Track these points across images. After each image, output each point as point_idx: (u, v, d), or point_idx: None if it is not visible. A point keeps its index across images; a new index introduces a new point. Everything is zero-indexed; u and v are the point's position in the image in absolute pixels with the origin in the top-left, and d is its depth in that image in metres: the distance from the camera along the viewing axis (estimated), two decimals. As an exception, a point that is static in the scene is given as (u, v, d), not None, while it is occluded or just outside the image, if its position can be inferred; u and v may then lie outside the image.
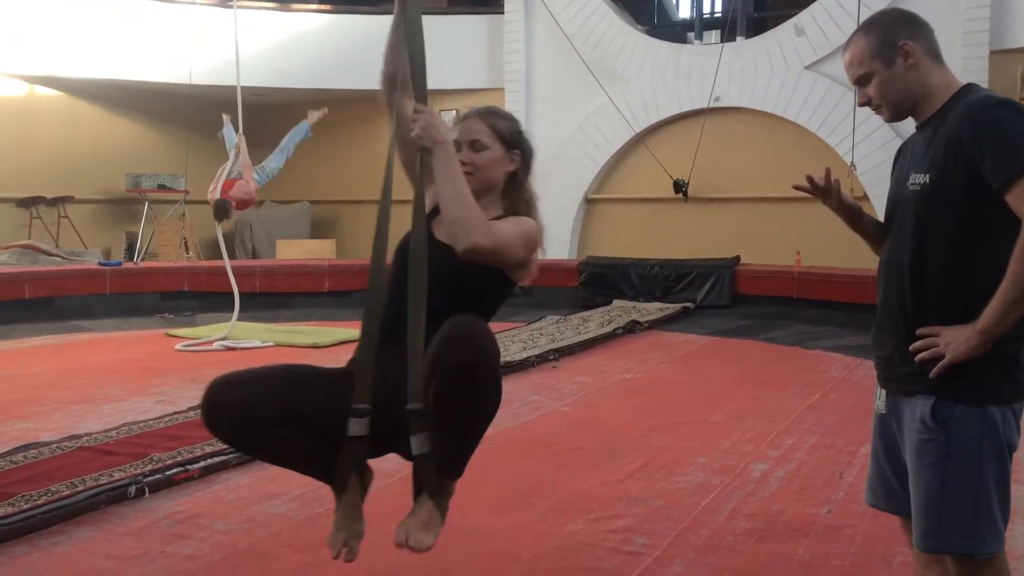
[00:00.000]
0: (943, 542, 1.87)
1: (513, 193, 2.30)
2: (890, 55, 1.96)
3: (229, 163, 8.08)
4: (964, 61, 9.65)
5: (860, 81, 2.01)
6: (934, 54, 2.00)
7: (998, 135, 1.80)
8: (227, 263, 8.24)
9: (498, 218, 2.23)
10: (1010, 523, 3.49)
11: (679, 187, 11.12)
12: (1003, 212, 1.80)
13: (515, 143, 2.30)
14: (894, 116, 2.02)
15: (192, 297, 9.98)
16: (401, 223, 2.22)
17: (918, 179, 1.93)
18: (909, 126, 2.09)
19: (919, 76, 1.97)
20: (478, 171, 2.23)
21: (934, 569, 1.99)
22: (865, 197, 10.17)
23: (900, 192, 2.01)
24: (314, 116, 8.73)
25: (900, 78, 1.97)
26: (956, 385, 1.84)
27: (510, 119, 2.33)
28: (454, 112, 13.14)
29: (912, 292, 1.92)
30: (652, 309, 9.73)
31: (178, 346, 7.76)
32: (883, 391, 2.03)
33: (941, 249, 1.88)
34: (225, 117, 8.51)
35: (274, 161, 8.45)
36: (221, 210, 7.89)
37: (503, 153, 2.27)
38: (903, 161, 2.07)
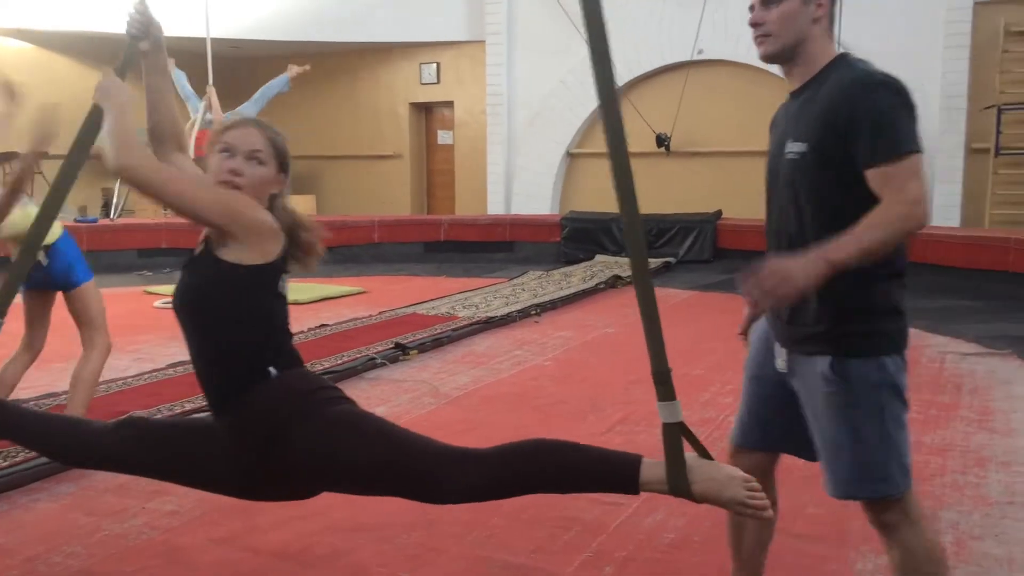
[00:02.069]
0: (859, 489, 1.95)
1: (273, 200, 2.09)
2: None
3: (199, 115, 7.94)
4: (948, 12, 9.61)
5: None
6: (832, 21, 2.01)
7: (875, 118, 1.82)
8: None
9: None
10: (983, 470, 3.56)
11: (661, 141, 11.08)
12: None
13: (286, 166, 2.11)
14: (774, 53, 1.98)
15: (170, 254, 9.89)
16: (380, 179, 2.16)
17: (794, 148, 1.94)
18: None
19: (815, 31, 1.96)
20: (247, 189, 2.01)
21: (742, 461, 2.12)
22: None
23: (778, 161, 2.01)
24: (294, 71, 8.54)
25: (804, 19, 1.94)
26: (850, 342, 1.91)
27: (282, 136, 2.12)
28: (435, 65, 13.00)
29: (800, 248, 1.91)
30: (634, 264, 9.73)
31: (157, 303, 7.71)
32: (783, 350, 2.06)
33: (819, 215, 1.91)
34: (170, 61, 8.27)
35: (246, 111, 8.27)
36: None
37: (275, 174, 2.08)
38: (778, 129, 2.07)
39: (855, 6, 9.84)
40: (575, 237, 10.64)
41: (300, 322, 6.67)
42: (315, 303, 7.69)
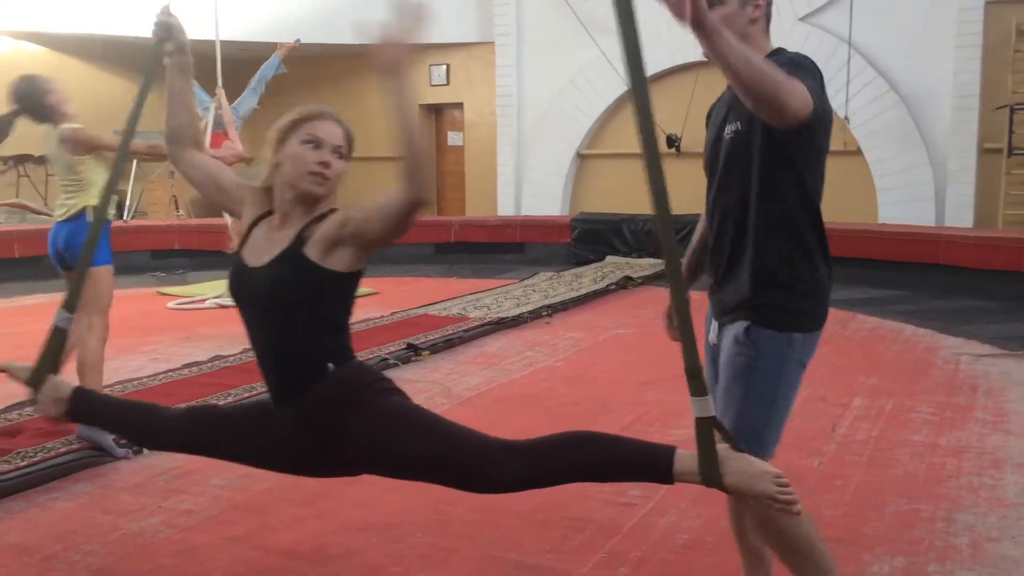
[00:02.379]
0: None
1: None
2: None
3: (210, 116, 7.96)
4: (959, 12, 9.56)
5: (711, 1, 2.06)
6: (768, 20, 2.16)
7: (788, 68, 1.93)
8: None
9: (322, 215, 2.03)
10: (999, 471, 3.55)
11: (672, 142, 11.05)
12: (803, 146, 2.02)
13: (351, 150, 2.12)
14: None
15: (183, 256, 9.95)
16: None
17: (732, 128, 2.11)
18: (903, 78, 2.06)
19: (752, 31, 2.11)
20: (331, 182, 2.03)
21: None
22: (859, 151, 10.13)
23: (718, 141, 2.17)
24: (284, 48, 8.55)
25: (743, 21, 2.09)
26: (767, 313, 2.08)
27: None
28: (445, 66, 13.02)
29: (737, 225, 2.12)
30: (645, 265, 9.73)
31: (170, 304, 7.75)
32: (716, 323, 2.22)
33: (758, 184, 2.07)
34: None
35: (246, 102, 8.27)
36: None
37: (344, 165, 2.09)
38: (716, 115, 2.23)
39: (866, 5, 9.81)
40: (585, 238, 10.63)
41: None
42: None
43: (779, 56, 2.06)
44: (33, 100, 4.01)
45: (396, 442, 1.96)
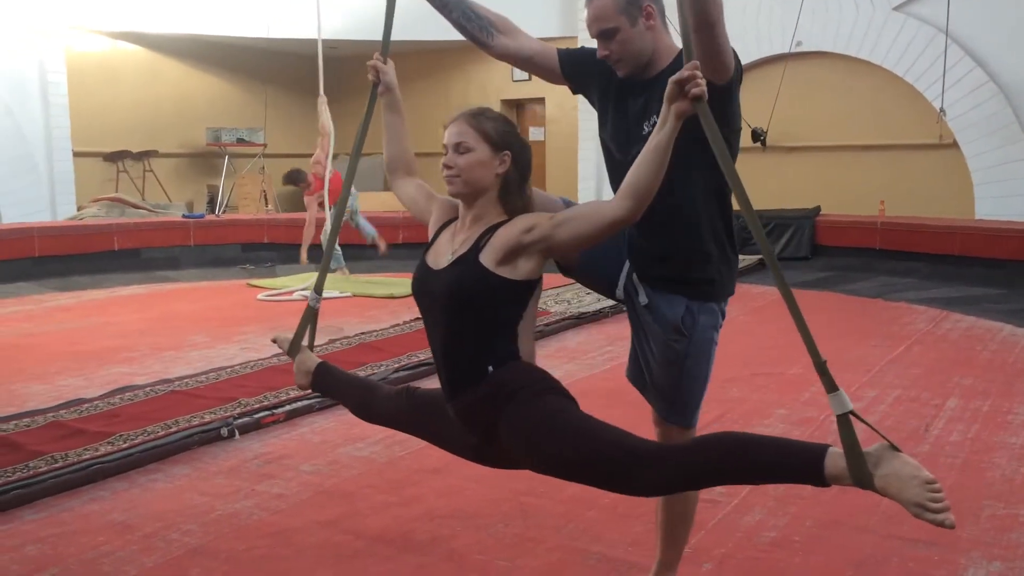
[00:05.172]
0: (680, 418, 2.37)
1: (509, 197, 2.11)
2: (635, 14, 2.17)
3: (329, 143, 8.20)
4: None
5: (604, 35, 2.19)
6: (663, 17, 2.23)
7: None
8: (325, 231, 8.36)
9: (501, 223, 2.07)
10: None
11: (757, 136, 10.83)
12: (727, 128, 2.11)
13: (504, 144, 2.10)
14: (630, 71, 2.22)
15: (272, 249, 10.22)
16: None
17: (651, 123, 2.16)
18: (1002, 68, 1.98)
19: (655, 36, 2.20)
20: (463, 173, 2.06)
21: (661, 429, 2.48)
22: (955, 144, 9.77)
23: (633, 138, 2.23)
24: (383, 245, 9.16)
25: (641, 36, 2.18)
26: (702, 289, 2.27)
27: (499, 120, 2.14)
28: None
29: (659, 205, 2.10)
30: (728, 260, 9.57)
31: (260, 296, 7.98)
32: (644, 286, 2.32)
33: (677, 167, 2.08)
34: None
35: (352, 201, 8.85)
36: (293, 178, 8.50)
37: (490, 155, 2.08)
38: (621, 100, 2.28)
39: (964, -4, 9.45)
40: (667, 233, 10.53)
41: (396, 315, 6.81)
42: (409, 297, 7.82)
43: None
44: None
45: (543, 444, 1.98)
